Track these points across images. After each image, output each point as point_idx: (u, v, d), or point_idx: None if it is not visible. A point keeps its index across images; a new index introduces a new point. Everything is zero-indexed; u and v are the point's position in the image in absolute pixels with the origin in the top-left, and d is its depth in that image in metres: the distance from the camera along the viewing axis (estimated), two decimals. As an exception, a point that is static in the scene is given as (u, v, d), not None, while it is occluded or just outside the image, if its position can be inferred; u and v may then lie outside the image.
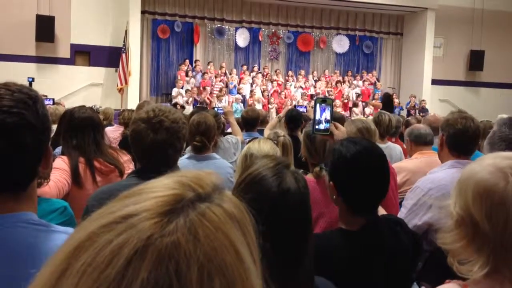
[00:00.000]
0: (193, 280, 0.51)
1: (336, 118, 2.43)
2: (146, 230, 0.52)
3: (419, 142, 4.07)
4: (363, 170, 1.90)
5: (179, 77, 15.63)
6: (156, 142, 2.11)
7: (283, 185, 1.43)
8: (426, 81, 17.94)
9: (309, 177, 2.76)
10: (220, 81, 16.16)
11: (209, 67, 16.64)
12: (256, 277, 0.58)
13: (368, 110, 16.29)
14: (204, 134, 3.52)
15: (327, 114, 2.33)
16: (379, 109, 9.81)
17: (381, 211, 2.26)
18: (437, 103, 18.04)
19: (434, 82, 18.08)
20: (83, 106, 3.31)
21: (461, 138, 2.80)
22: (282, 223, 1.40)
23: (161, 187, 0.58)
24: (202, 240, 0.54)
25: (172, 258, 0.51)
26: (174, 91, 15.12)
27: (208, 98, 14.99)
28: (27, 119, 1.15)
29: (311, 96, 16.52)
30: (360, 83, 18.11)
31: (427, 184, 2.80)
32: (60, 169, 2.88)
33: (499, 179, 1.24)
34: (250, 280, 0.57)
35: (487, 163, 1.30)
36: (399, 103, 16.43)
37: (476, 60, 18.89)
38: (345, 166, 1.92)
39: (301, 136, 5.22)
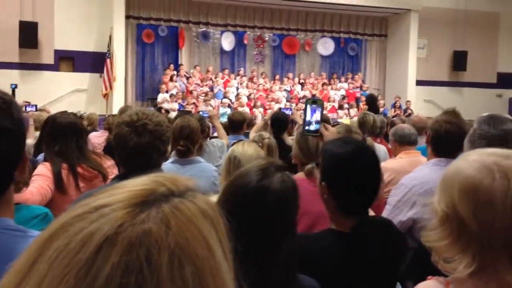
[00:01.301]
0: (164, 265, 0.52)
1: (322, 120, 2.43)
2: (118, 218, 0.53)
3: (404, 142, 4.10)
4: (355, 169, 1.89)
5: (163, 82, 15.59)
6: (140, 145, 2.11)
7: (264, 181, 1.44)
8: (411, 82, 18.04)
9: (299, 176, 2.78)
10: (206, 85, 16.13)
11: (192, 70, 16.61)
12: (227, 272, 0.59)
13: (352, 111, 16.35)
14: (188, 138, 3.51)
15: (317, 115, 2.34)
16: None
17: (370, 212, 2.27)
18: (422, 103, 18.15)
19: (419, 83, 18.19)
20: (65, 112, 3.29)
21: (443, 143, 2.84)
22: (261, 219, 1.40)
23: (134, 183, 0.60)
24: (174, 230, 0.55)
25: (143, 245, 0.52)
26: (160, 97, 15.05)
27: (194, 103, 14.95)
28: (2, 123, 1.13)
29: (299, 99, 16.56)
30: (345, 85, 18.18)
31: (411, 181, 2.83)
32: (42, 175, 2.86)
33: (485, 176, 1.22)
34: (220, 273, 0.57)
35: (472, 160, 1.28)
36: (384, 105, 16.50)
37: (459, 61, 19.02)
38: (337, 165, 1.91)
39: (287, 138, 5.26)
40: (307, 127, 2.35)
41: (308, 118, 2.35)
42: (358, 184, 1.88)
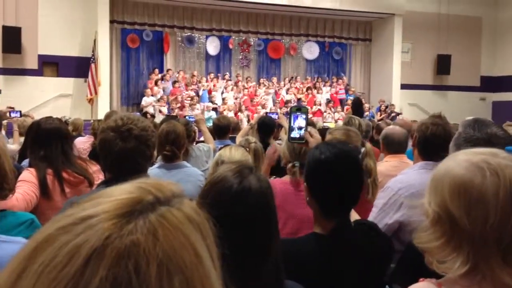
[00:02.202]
0: (152, 276, 0.52)
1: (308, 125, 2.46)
2: (105, 230, 0.52)
3: (391, 150, 4.09)
4: (334, 173, 1.92)
5: (148, 86, 15.53)
6: (125, 150, 2.09)
7: (244, 183, 1.45)
8: (395, 85, 18.17)
9: (285, 179, 2.79)
10: (192, 89, 16.08)
11: (177, 75, 16.56)
12: (216, 278, 0.59)
13: (337, 115, 16.42)
14: (174, 143, 3.50)
15: (301, 122, 2.36)
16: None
17: (356, 216, 2.28)
18: (407, 107, 18.30)
19: (403, 86, 18.31)
20: (50, 117, 3.26)
21: (429, 146, 2.85)
22: (243, 221, 1.41)
23: (120, 191, 0.59)
24: (162, 240, 0.54)
25: (132, 256, 0.51)
26: (144, 101, 14.99)
27: (179, 107, 14.91)
28: None
29: (285, 102, 16.59)
30: (330, 89, 18.24)
31: (397, 184, 2.84)
32: (27, 181, 2.83)
33: (475, 174, 1.22)
34: (210, 280, 0.57)
35: (460, 159, 1.28)
36: (369, 108, 16.59)
37: (443, 64, 19.22)
38: (318, 168, 1.94)
39: (273, 142, 5.25)
40: (291, 135, 2.37)
41: (292, 125, 2.38)
42: (337, 188, 1.91)
